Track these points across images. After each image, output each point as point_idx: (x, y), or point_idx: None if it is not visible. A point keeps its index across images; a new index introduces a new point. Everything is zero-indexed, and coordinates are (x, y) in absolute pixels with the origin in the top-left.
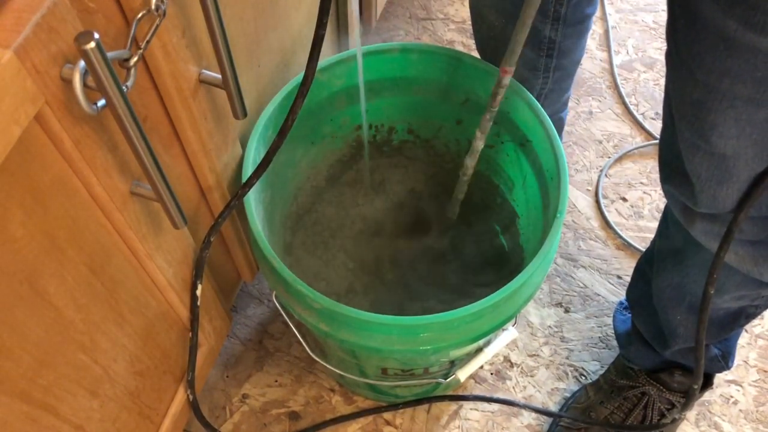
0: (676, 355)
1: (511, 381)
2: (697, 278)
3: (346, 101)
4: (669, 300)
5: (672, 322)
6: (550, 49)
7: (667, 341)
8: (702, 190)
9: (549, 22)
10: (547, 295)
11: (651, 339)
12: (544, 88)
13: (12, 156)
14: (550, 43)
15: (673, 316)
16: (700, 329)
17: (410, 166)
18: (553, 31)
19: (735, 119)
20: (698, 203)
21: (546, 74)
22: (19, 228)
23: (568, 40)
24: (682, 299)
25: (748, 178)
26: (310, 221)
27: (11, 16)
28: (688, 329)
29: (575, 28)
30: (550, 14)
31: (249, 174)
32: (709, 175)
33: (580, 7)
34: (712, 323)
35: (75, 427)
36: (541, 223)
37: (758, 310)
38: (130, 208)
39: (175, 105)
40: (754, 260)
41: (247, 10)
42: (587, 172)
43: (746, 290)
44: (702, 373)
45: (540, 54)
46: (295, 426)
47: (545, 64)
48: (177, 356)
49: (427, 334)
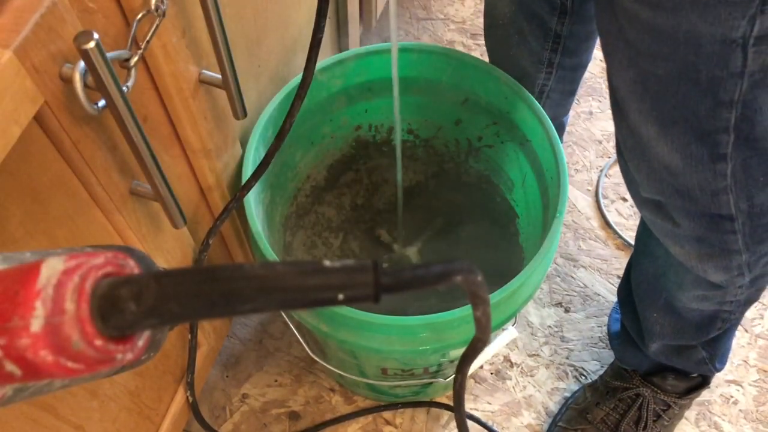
0: (659, 355)
1: (511, 381)
2: (664, 272)
3: (345, 101)
4: (645, 295)
5: (648, 319)
6: (555, 44)
7: (645, 339)
8: (628, 170)
9: (556, 14)
10: (547, 295)
11: (635, 336)
12: (546, 85)
13: (12, 156)
14: (556, 36)
15: (650, 313)
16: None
17: (410, 166)
18: (559, 25)
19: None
20: (635, 186)
21: (549, 69)
22: (19, 228)
23: (574, 39)
24: (658, 297)
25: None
26: (309, 221)
27: (11, 16)
28: (665, 328)
29: (582, 27)
30: (557, 6)
31: (249, 174)
32: (632, 154)
33: (587, 5)
34: (688, 323)
35: (75, 427)
36: (541, 223)
37: (733, 315)
38: (130, 208)
39: (175, 105)
40: (699, 257)
41: (247, 10)
42: (587, 172)
43: (703, 290)
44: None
45: (545, 47)
46: (295, 426)
47: (549, 58)
48: (177, 356)
49: (427, 334)
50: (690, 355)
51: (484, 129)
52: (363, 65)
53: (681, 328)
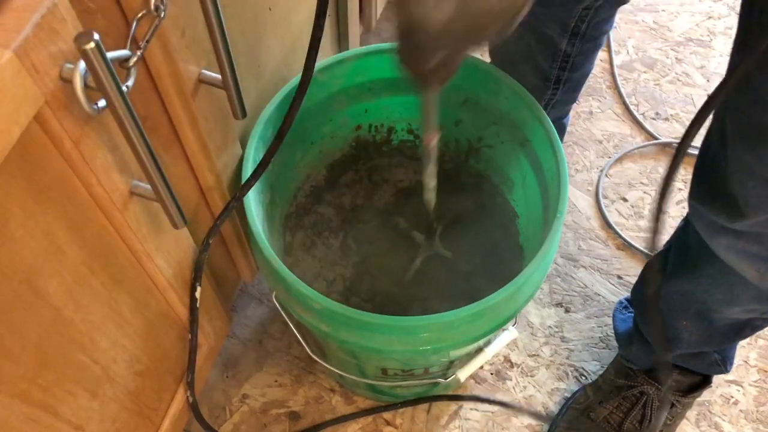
0: (677, 358)
1: (511, 381)
2: (707, 288)
3: (345, 101)
4: (676, 306)
5: (677, 327)
6: (564, 62)
7: (670, 345)
8: (746, 214)
9: (567, 36)
10: (547, 295)
11: (653, 341)
12: (552, 98)
13: (12, 156)
14: (565, 56)
15: (678, 321)
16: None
17: (410, 166)
18: (569, 46)
19: None
20: (734, 222)
21: (556, 86)
22: (19, 228)
23: (582, 56)
24: (690, 306)
25: None
26: (309, 221)
27: (11, 16)
28: (693, 335)
29: (591, 44)
30: (569, 29)
31: (249, 174)
32: (759, 201)
33: (600, 25)
34: (717, 332)
35: (75, 427)
36: (541, 223)
37: (765, 323)
38: (130, 208)
39: (175, 105)
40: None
41: (247, 10)
42: (587, 172)
43: (759, 304)
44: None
45: (553, 66)
46: (295, 426)
47: (557, 76)
48: (177, 356)
49: (427, 334)
50: (704, 357)
51: (484, 129)
52: (363, 65)
53: (709, 336)
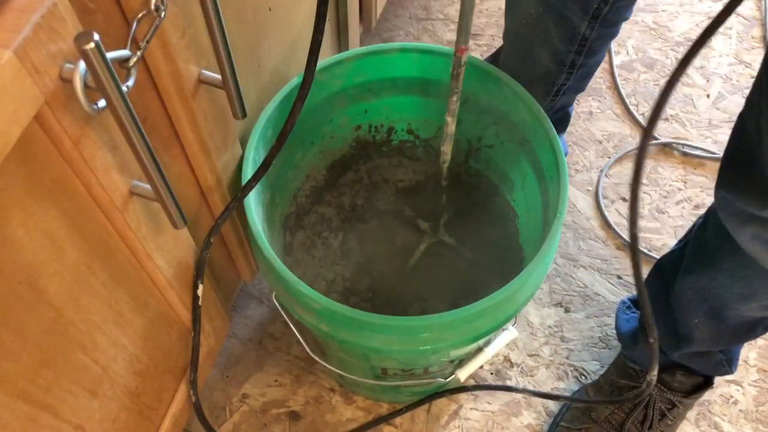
0: (684, 357)
1: (511, 381)
2: (724, 284)
3: (345, 101)
4: (689, 302)
5: (689, 324)
6: (581, 46)
7: (680, 344)
8: None
9: (588, 19)
10: (547, 295)
11: (661, 340)
12: (565, 84)
13: (12, 156)
14: (583, 39)
15: (690, 318)
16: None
17: (410, 166)
18: (588, 29)
19: None
20: (765, 210)
21: (571, 70)
22: (19, 228)
23: (599, 41)
24: (703, 302)
25: None
26: (309, 221)
27: (11, 16)
28: (704, 333)
29: (609, 30)
30: (591, 12)
31: (249, 174)
32: None
33: (621, 10)
34: (728, 330)
35: (75, 427)
36: (541, 223)
37: None
38: (130, 208)
39: (175, 105)
40: None
41: (247, 10)
42: (587, 172)
43: None
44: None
45: (570, 49)
46: (295, 426)
47: (573, 60)
48: (177, 356)
49: (427, 334)
50: (710, 357)
51: (484, 129)
52: (363, 65)
53: (720, 334)
